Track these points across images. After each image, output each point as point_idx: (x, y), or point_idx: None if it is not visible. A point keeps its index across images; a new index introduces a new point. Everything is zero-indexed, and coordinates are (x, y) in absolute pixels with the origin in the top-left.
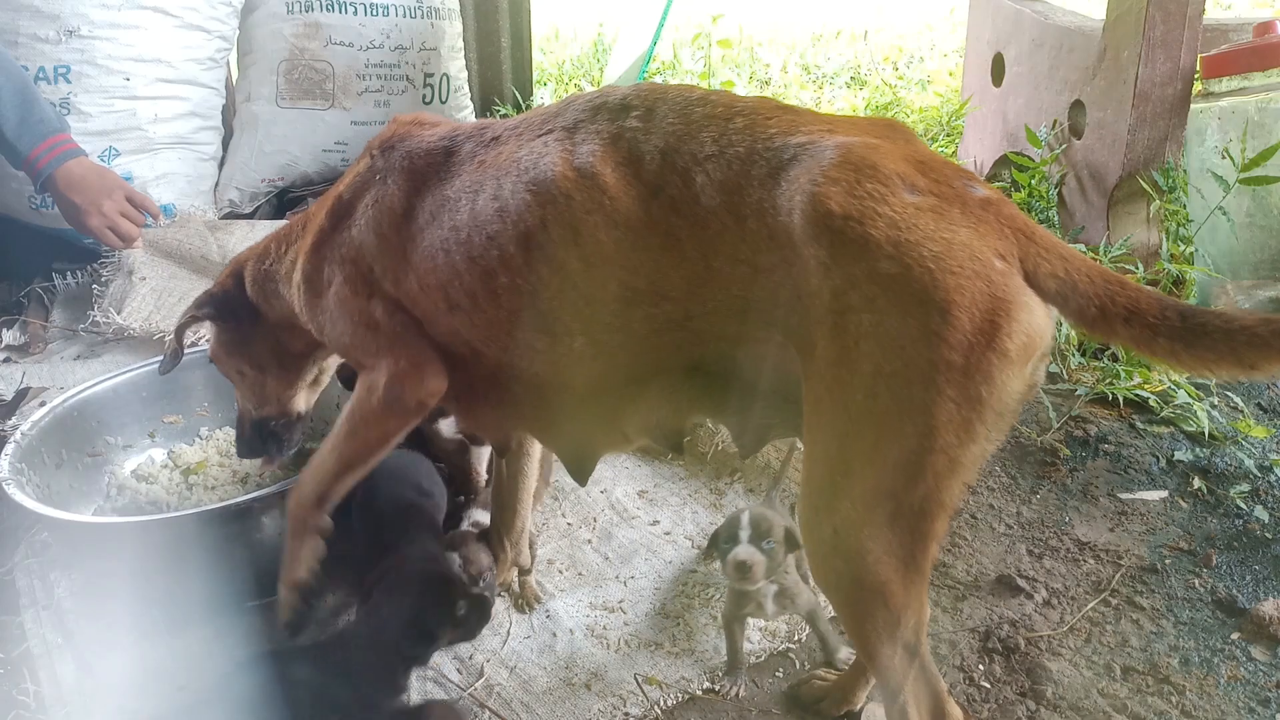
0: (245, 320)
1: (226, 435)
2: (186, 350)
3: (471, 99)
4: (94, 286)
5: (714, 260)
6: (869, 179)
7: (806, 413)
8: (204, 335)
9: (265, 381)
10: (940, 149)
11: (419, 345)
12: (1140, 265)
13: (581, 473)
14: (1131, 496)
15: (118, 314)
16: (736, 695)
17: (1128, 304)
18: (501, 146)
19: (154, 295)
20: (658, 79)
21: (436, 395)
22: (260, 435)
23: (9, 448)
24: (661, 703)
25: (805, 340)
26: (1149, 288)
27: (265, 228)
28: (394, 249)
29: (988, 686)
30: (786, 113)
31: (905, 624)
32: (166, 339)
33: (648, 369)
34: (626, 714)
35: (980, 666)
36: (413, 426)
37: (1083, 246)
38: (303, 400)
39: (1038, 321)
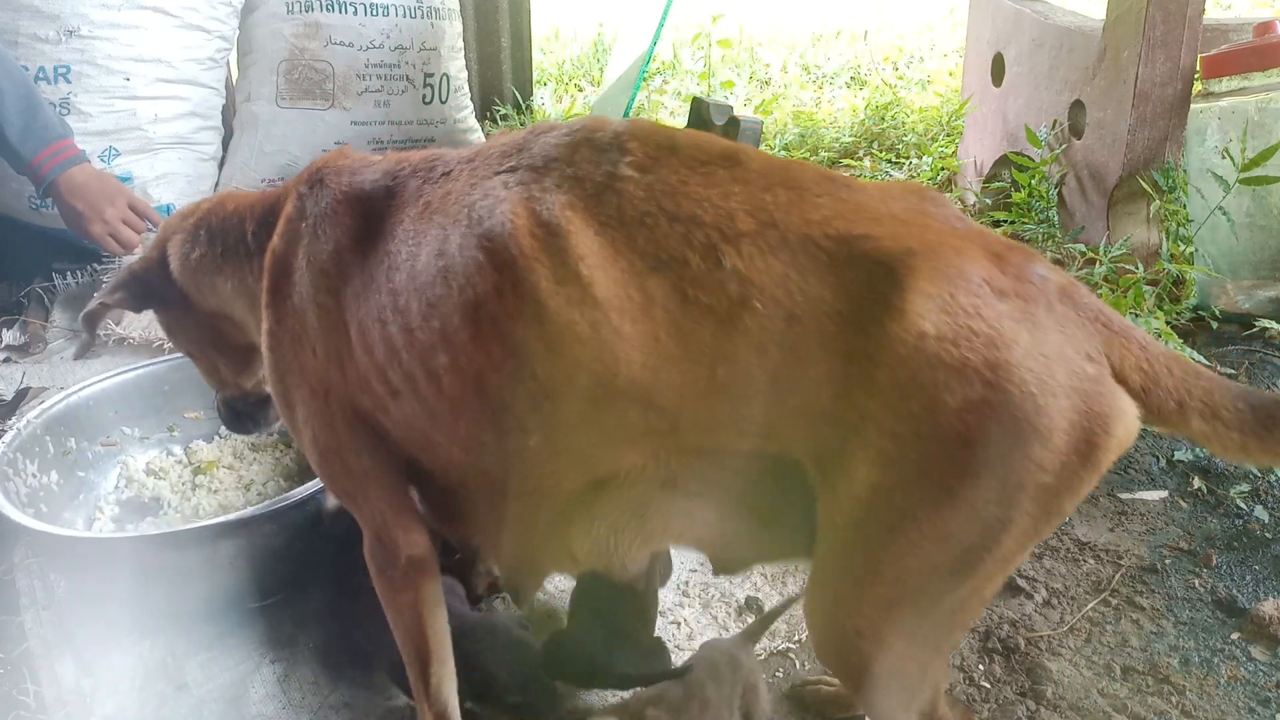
0: (174, 304)
1: (243, 438)
2: None
3: (471, 99)
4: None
5: (722, 366)
6: (962, 291)
7: (828, 533)
8: None
9: (216, 365)
10: (940, 149)
11: (388, 483)
12: (1140, 265)
13: (520, 593)
14: (1131, 496)
15: (116, 325)
16: None
17: (1203, 396)
18: (451, 184)
19: None
20: (657, 79)
21: (421, 544)
22: (233, 413)
23: (4, 440)
24: None
25: (834, 461)
26: (1218, 376)
27: None
28: (334, 322)
29: (988, 686)
30: (837, 188)
31: (921, 698)
32: (166, 345)
33: (613, 481)
34: None
35: (980, 666)
36: (432, 584)
37: (1083, 246)
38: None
39: (1131, 426)
